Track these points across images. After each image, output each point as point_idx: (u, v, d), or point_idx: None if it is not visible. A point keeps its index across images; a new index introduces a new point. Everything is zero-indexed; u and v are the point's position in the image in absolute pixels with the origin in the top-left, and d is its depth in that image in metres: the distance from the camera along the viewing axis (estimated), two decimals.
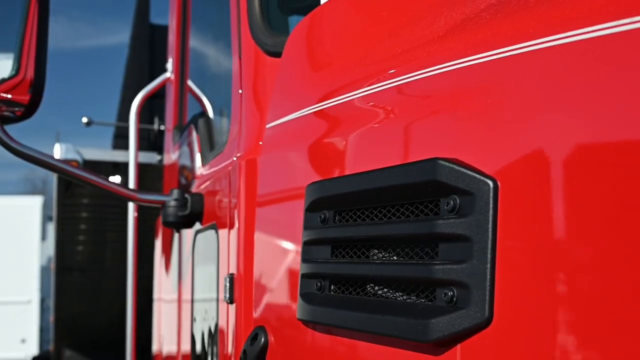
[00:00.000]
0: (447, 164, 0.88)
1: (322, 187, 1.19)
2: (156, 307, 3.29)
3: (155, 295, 3.34)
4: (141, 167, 4.08)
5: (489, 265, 0.82)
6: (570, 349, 0.73)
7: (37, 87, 1.82)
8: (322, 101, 1.33)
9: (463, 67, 0.96)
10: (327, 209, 1.17)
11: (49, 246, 13.22)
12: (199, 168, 2.21)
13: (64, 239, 5.91)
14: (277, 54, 1.61)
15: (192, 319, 2.14)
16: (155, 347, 3.32)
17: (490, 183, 0.83)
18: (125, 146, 4.73)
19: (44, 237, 15.46)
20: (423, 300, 0.92)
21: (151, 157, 4.64)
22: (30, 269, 15.32)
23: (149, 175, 4.00)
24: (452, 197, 0.88)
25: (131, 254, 2.96)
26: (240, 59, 1.76)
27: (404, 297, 0.97)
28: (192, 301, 2.16)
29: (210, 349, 1.86)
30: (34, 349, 15.36)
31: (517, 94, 0.85)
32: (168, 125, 3.00)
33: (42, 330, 15.06)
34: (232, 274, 1.61)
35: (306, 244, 1.21)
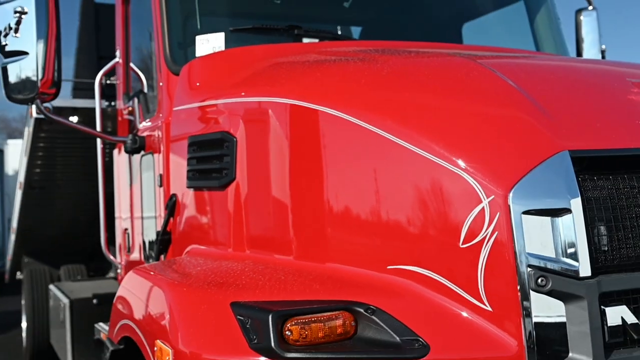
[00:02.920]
0: (225, 133, 2.88)
1: (192, 138, 3.17)
2: (117, 204, 5.19)
3: (116, 201, 5.12)
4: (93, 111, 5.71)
5: (231, 163, 2.83)
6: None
7: (57, 83, 3.68)
8: (193, 103, 3.29)
9: (233, 102, 2.95)
10: (196, 146, 3.15)
11: None
12: (141, 121, 4.14)
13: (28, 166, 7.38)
14: (177, 74, 3.56)
15: (142, 204, 4.14)
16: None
17: (235, 138, 2.84)
18: (81, 96, 6.39)
19: None
20: (214, 175, 2.94)
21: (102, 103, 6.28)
22: None
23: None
24: (227, 143, 2.88)
25: (100, 174, 4.83)
26: (160, 72, 3.69)
27: (212, 174, 2.98)
28: (141, 193, 4.14)
29: (154, 215, 3.87)
30: None
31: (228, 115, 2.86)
32: (119, 93, 4.87)
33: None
34: (160, 174, 3.60)
35: (188, 160, 3.20)
